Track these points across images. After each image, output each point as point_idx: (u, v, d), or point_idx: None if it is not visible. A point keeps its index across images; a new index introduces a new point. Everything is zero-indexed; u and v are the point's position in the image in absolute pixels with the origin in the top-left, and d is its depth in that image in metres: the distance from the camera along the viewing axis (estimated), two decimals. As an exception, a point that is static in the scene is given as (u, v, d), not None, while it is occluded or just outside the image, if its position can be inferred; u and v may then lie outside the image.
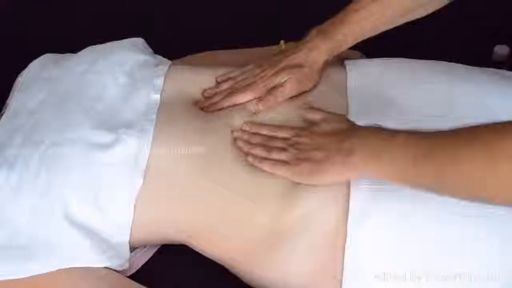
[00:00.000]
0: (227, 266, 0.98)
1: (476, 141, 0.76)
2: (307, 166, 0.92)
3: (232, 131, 1.00)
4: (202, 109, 1.05)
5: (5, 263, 0.91)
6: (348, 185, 0.92)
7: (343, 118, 0.96)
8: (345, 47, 1.06)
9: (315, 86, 1.06)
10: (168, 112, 1.02)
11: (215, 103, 1.05)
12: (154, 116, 1.01)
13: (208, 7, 1.54)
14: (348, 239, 0.89)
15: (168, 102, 1.04)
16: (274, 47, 1.24)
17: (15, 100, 1.09)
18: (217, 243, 0.97)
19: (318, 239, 0.91)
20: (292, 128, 0.99)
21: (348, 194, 0.91)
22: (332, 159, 0.89)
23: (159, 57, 1.17)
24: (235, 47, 1.28)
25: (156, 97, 1.04)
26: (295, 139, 0.96)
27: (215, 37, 1.34)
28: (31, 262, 0.91)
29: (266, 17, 1.49)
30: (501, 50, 1.33)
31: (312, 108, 1.01)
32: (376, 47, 1.13)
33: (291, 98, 1.04)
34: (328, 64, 1.07)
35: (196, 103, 1.06)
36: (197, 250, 0.99)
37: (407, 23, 1.07)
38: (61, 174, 0.94)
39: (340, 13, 1.06)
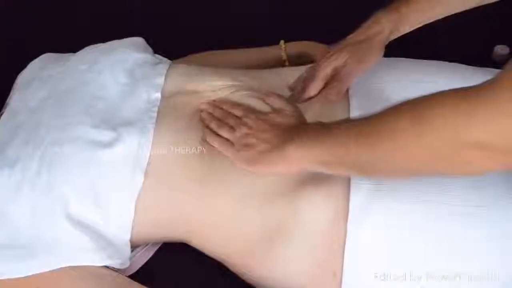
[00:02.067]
0: (227, 265, 0.98)
1: (404, 113, 0.77)
2: (249, 155, 0.92)
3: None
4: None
5: (6, 262, 0.91)
6: (348, 184, 0.92)
7: (296, 113, 0.97)
8: (408, 21, 1.02)
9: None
10: (168, 111, 1.02)
11: (300, 97, 1.04)
12: (155, 115, 1.01)
13: (208, 7, 1.54)
14: (347, 239, 0.89)
15: (168, 101, 1.04)
16: (274, 47, 1.24)
17: (15, 99, 1.09)
18: (217, 242, 0.97)
19: (317, 238, 0.91)
20: (247, 108, 1.00)
21: (348, 194, 0.91)
22: (272, 152, 0.90)
23: (159, 56, 1.17)
24: (235, 47, 1.28)
25: (157, 95, 1.04)
26: (245, 119, 0.97)
27: (215, 37, 1.34)
28: (32, 261, 0.91)
29: (266, 17, 1.49)
30: (501, 50, 1.33)
31: (272, 94, 1.01)
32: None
33: None
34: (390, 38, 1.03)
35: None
36: (197, 249, 0.99)
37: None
38: (61, 173, 0.94)
39: None
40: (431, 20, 1.04)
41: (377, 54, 1.02)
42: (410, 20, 1.02)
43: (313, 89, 1.02)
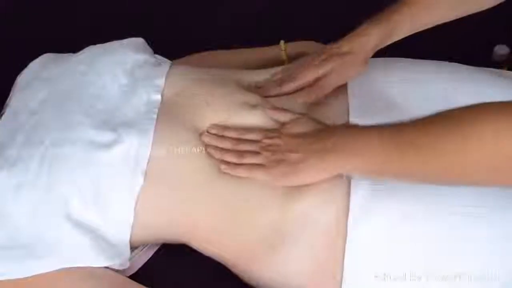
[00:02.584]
0: (227, 266, 0.98)
1: (449, 124, 0.77)
2: (283, 168, 0.92)
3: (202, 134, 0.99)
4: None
5: (5, 263, 0.91)
6: (348, 185, 0.92)
7: (312, 120, 0.96)
8: (397, 35, 1.03)
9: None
10: (168, 112, 1.02)
11: (266, 90, 1.04)
12: (155, 116, 1.01)
13: (208, 7, 1.54)
14: (348, 239, 0.89)
15: (168, 102, 1.04)
16: (274, 47, 1.24)
17: (15, 100, 1.09)
18: (217, 243, 0.97)
19: (318, 239, 0.91)
20: (261, 130, 0.99)
21: (349, 194, 0.91)
22: (308, 160, 0.89)
23: (159, 57, 1.17)
24: (235, 47, 1.28)
25: (157, 97, 1.04)
26: (267, 141, 0.96)
27: (215, 37, 1.34)
28: (31, 262, 0.91)
29: (266, 17, 1.49)
30: (501, 50, 1.33)
31: (276, 108, 1.00)
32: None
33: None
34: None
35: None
36: (197, 250, 0.99)
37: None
38: (61, 174, 0.94)
39: (396, 3, 1.03)
40: (427, 27, 1.04)
41: (360, 68, 1.03)
42: (404, 27, 1.02)
43: (289, 89, 1.03)
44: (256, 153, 0.95)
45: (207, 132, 1.00)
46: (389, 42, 1.04)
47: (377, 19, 1.02)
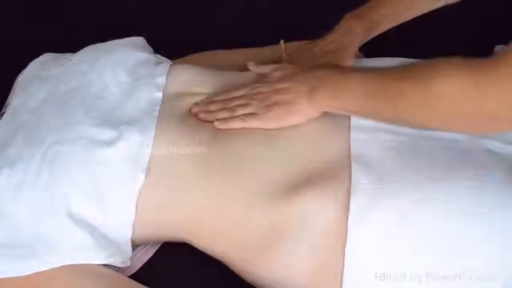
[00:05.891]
0: (227, 265, 0.98)
1: (415, 79, 0.84)
2: (276, 111, 0.96)
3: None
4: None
5: (6, 261, 0.91)
6: (348, 184, 0.92)
7: (293, 66, 1.01)
8: (381, 28, 1.08)
9: None
10: (170, 111, 1.03)
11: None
12: (157, 114, 1.01)
13: (208, 7, 1.54)
14: (348, 239, 0.89)
15: (170, 101, 1.04)
16: (274, 47, 1.24)
17: (15, 99, 1.09)
18: (217, 242, 0.97)
19: (318, 238, 0.91)
20: (245, 85, 1.02)
21: (348, 193, 0.91)
22: (297, 99, 0.94)
23: (159, 56, 1.17)
24: (235, 47, 1.28)
25: (159, 95, 1.04)
26: (253, 91, 1.00)
27: (215, 37, 1.34)
28: (32, 260, 0.91)
29: (266, 16, 1.49)
30: (501, 50, 1.33)
31: (256, 64, 1.05)
32: (376, 47, 1.13)
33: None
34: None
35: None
36: (198, 248, 0.99)
37: (408, 23, 1.07)
38: (62, 172, 0.94)
39: None
40: (407, 20, 1.09)
41: (350, 61, 1.08)
42: (384, 23, 1.08)
43: None
44: (246, 104, 0.99)
45: (195, 104, 1.03)
46: (376, 33, 1.08)
47: (359, 15, 1.07)
